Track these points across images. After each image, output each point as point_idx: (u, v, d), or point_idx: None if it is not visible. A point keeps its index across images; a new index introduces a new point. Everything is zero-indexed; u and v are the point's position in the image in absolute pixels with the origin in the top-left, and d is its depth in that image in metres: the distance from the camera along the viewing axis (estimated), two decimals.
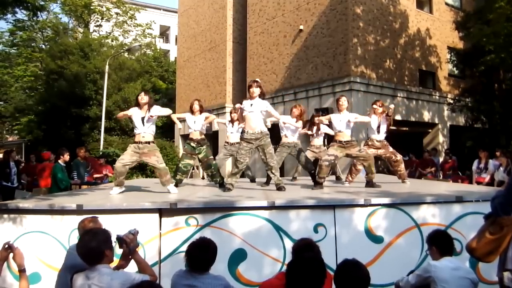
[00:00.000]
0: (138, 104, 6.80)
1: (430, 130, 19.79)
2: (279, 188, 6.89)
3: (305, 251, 3.35)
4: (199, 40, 26.63)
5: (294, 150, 8.35)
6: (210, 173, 8.09)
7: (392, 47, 17.83)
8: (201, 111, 8.12)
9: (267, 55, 20.65)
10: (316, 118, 9.12)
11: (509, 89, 16.26)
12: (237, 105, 7.25)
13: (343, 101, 7.64)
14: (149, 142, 6.71)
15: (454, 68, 20.48)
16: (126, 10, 32.03)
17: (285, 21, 19.65)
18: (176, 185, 7.57)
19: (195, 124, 8.00)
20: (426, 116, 18.93)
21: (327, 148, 7.66)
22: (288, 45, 19.34)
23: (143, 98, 6.74)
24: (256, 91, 6.92)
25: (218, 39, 24.78)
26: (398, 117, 17.59)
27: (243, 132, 7.62)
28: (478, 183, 10.74)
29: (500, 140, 14.63)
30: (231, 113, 9.45)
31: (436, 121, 19.38)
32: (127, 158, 6.66)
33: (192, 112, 8.16)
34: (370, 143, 8.35)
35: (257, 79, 7.28)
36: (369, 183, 7.50)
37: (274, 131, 8.22)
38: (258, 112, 6.92)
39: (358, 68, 16.42)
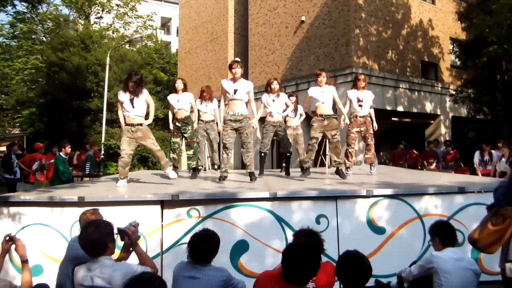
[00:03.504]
0: (127, 89, 6.58)
1: (432, 122, 19.74)
2: (251, 175, 6.95)
3: (306, 238, 3.34)
4: (201, 31, 26.55)
5: (280, 129, 8.15)
6: (187, 155, 8.22)
7: (394, 38, 17.74)
8: (184, 90, 8.18)
9: (268, 47, 20.57)
10: (291, 98, 9.10)
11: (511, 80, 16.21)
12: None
13: (322, 78, 7.45)
14: (141, 124, 6.56)
15: (457, 59, 20.40)
16: (127, 2, 31.85)
17: (286, 12, 19.56)
18: (176, 167, 7.82)
19: (178, 103, 8.05)
20: (428, 107, 18.87)
21: (310, 127, 7.41)
22: (290, 36, 19.27)
23: (133, 86, 6.54)
24: (238, 71, 6.83)
25: (219, 31, 24.70)
26: (400, 108, 17.57)
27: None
28: (485, 175, 10.66)
29: (502, 131, 14.61)
30: (203, 91, 9.18)
31: (438, 112, 19.31)
32: (127, 148, 6.54)
33: (175, 91, 8.20)
34: (353, 119, 8.17)
35: (237, 59, 7.17)
36: (337, 171, 7.31)
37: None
38: (242, 97, 6.88)
39: (360, 59, 16.36)
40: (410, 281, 3.69)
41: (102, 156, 15.04)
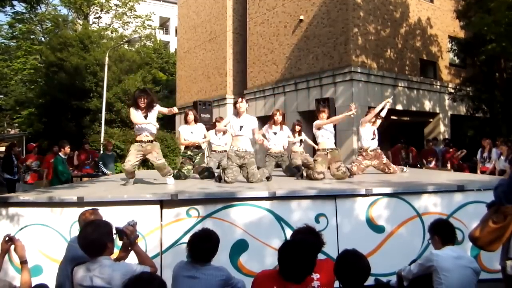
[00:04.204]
0: (137, 105, 6.66)
1: (431, 120, 19.76)
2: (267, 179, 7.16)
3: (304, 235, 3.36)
4: (199, 31, 26.54)
5: (281, 159, 8.50)
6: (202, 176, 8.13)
7: (393, 36, 17.74)
8: (196, 121, 8.35)
9: (267, 46, 20.57)
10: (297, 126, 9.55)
11: (510, 78, 16.22)
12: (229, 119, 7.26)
13: (324, 115, 7.66)
14: (151, 141, 6.75)
15: (455, 58, 20.40)
16: (126, 2, 31.77)
17: (285, 11, 19.55)
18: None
19: (192, 135, 8.23)
20: (427, 105, 18.88)
21: (314, 160, 7.60)
22: (289, 36, 19.26)
23: (143, 102, 6.63)
24: (243, 106, 6.98)
25: (218, 30, 24.68)
26: (399, 107, 17.57)
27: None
28: (482, 172, 10.73)
29: (502, 129, 14.61)
30: (216, 121, 9.37)
31: (437, 110, 19.32)
32: (133, 159, 6.65)
33: (186, 122, 8.35)
34: (364, 153, 8.37)
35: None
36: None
37: None
38: (247, 133, 7.01)
39: (359, 58, 16.36)
40: (409, 280, 3.68)
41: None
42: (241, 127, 6.96)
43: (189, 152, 8.30)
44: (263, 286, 2.95)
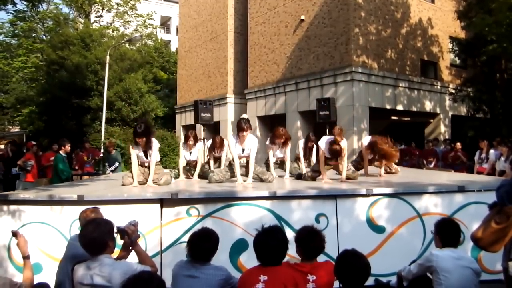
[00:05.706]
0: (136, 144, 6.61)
1: (431, 120, 19.75)
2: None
3: (308, 238, 3.40)
4: (200, 30, 26.54)
5: (283, 165, 8.33)
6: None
7: (394, 37, 17.73)
8: (196, 141, 8.23)
9: (268, 45, 20.56)
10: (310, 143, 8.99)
11: (511, 79, 16.20)
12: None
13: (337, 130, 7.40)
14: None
15: (456, 58, 20.38)
16: (127, 1, 31.78)
17: (286, 11, 19.55)
18: None
19: (191, 156, 8.19)
20: (428, 106, 18.88)
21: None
22: (290, 35, 19.25)
23: (142, 141, 6.50)
24: (246, 134, 6.86)
25: (219, 29, 24.68)
26: (399, 107, 17.57)
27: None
28: (479, 173, 10.73)
29: (502, 129, 14.59)
30: (216, 142, 8.94)
31: (438, 111, 19.32)
32: (136, 180, 6.54)
33: (187, 144, 8.24)
34: (359, 166, 8.27)
35: (247, 120, 7.12)
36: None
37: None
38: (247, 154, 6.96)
39: (359, 58, 16.35)
40: (409, 280, 3.68)
41: (102, 155, 15.02)
42: (243, 150, 6.92)
43: (186, 167, 8.30)
44: (250, 280, 3.05)
